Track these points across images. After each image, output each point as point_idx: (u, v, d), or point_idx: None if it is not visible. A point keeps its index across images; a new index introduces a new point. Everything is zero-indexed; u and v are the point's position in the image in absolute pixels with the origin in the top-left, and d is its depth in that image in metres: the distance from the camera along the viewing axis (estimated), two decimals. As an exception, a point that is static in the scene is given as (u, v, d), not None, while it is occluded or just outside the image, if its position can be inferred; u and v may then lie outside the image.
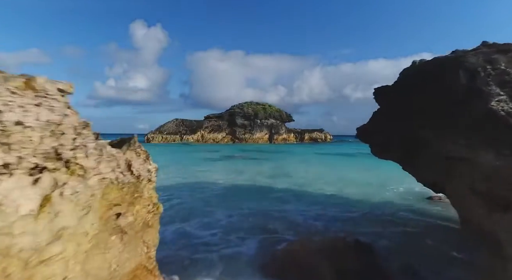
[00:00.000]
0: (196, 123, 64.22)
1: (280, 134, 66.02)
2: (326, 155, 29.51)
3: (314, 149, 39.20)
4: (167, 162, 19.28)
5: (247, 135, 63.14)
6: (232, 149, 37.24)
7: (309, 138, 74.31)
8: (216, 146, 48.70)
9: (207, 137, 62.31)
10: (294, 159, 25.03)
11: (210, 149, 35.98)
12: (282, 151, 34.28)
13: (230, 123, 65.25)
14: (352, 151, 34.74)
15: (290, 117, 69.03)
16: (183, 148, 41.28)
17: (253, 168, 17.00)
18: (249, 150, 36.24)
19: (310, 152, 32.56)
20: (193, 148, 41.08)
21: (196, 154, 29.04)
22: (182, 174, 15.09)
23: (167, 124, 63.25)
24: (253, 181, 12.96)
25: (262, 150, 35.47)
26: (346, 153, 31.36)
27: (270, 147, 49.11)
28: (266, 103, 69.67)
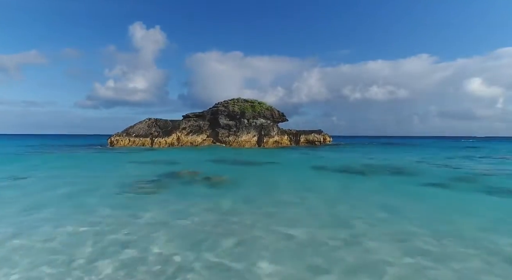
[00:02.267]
0: (171, 124, 54.27)
1: (271, 137, 56.30)
2: (334, 173, 19.80)
3: (312, 158, 29.52)
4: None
5: (232, 137, 53.37)
6: (203, 157, 27.56)
7: (306, 140, 64.69)
8: (187, 152, 38.83)
9: (184, 140, 52.42)
10: (281, 181, 15.35)
11: (170, 158, 26.23)
12: (267, 162, 24.54)
13: (213, 124, 55.44)
14: (364, 162, 25.11)
15: (284, 116, 59.36)
16: (133, 155, 31.41)
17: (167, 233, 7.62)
18: (225, 159, 26.47)
19: (307, 165, 22.82)
20: (146, 155, 31.19)
21: (123, 170, 19.20)
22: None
23: (137, 125, 53.27)
24: None
25: (241, 160, 25.70)
26: (359, 169, 21.67)
27: (256, 153, 39.39)
28: (256, 100, 59.94)
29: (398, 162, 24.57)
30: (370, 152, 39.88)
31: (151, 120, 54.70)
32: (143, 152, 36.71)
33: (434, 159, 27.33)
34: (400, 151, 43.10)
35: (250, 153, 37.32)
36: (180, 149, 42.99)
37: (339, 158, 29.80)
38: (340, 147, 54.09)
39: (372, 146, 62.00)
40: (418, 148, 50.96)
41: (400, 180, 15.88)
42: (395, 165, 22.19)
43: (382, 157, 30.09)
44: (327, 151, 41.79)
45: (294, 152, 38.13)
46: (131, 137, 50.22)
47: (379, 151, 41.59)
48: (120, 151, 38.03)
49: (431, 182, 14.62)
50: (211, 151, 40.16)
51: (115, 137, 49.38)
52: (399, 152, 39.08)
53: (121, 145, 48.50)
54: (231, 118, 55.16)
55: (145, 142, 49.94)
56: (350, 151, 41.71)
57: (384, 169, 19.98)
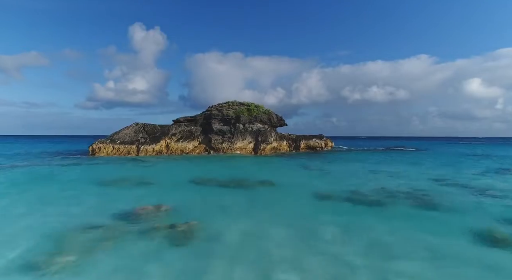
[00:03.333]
0: (160, 129, 50.00)
1: (268, 143, 52.06)
2: (342, 206, 15.58)
3: (315, 175, 25.28)
4: None
5: (226, 144, 49.10)
6: (184, 174, 23.33)
7: (306, 146, 60.55)
8: (171, 164, 34.59)
9: (173, 147, 48.16)
10: (274, 230, 11.12)
11: (145, 176, 21.97)
12: (260, 183, 20.30)
13: (205, 129, 51.18)
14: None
15: (282, 120, 55.14)
16: (105, 170, 27.08)
17: None
18: (210, 178, 22.22)
19: (308, 189, 18.62)
20: (120, 170, 26.93)
21: (63, 204, 14.79)
22: None
23: (123, 130, 48.99)
24: None
25: (228, 180, 21.44)
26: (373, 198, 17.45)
27: (251, 164, 35.19)
28: (252, 103, 55.70)
29: (418, 183, 20.34)
30: (377, 162, 35.66)
31: (139, 125, 50.45)
32: (121, 164, 32.44)
33: (460, 177, 23.11)
34: (409, 160, 38.88)
35: (243, 165, 33.11)
36: (166, 159, 38.73)
37: (345, 174, 25.57)
38: (343, 154, 49.86)
39: (376, 152, 57.77)
40: (428, 156, 46.75)
41: (438, 223, 11.66)
42: (416, 189, 17.97)
43: (394, 172, 25.90)
44: (330, 161, 37.54)
45: (293, 164, 33.88)
46: (116, 144, 45.95)
47: (387, 161, 37.35)
48: (96, 162, 33.76)
49: (486, 227, 10.41)
50: (199, 162, 35.92)
51: (97, 144, 45.10)
52: (410, 163, 34.85)
53: (104, 153, 44.24)
54: (225, 123, 50.94)
55: (130, 150, 45.67)
56: (354, 161, 37.49)
57: (406, 198, 15.76)
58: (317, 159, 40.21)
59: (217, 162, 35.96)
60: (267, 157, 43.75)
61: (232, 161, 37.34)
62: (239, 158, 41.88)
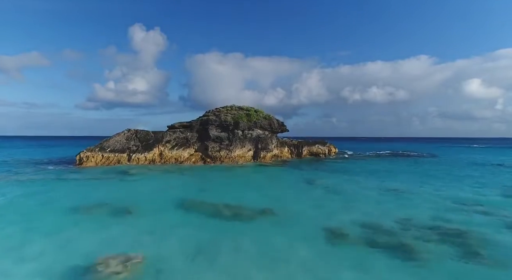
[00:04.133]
0: (153, 136, 46.86)
1: (269, 150, 48.86)
2: (360, 252, 12.45)
3: (320, 195, 22.10)
4: None
5: (223, 152, 45.92)
6: (169, 193, 20.22)
7: (309, 152, 57.42)
8: (158, 178, 31.46)
9: (167, 155, 45.01)
10: None
11: (124, 196, 18.86)
12: (257, 212, 17.17)
13: (202, 135, 48.03)
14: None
15: (284, 126, 51.96)
16: (81, 186, 23.95)
17: None
18: (197, 200, 19.11)
19: (316, 223, 15.54)
20: (99, 187, 23.81)
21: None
22: None
23: (114, 138, 45.88)
24: None
25: (218, 206, 18.29)
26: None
27: (251, 176, 32.09)
28: (252, 108, 52.55)
29: (448, 215, 17.15)
30: (388, 174, 32.44)
31: (131, 131, 47.35)
32: (106, 179, 29.29)
33: (496, 202, 19.92)
34: (422, 172, 35.66)
35: (241, 181, 29.97)
36: (157, 171, 35.58)
37: (357, 195, 22.40)
38: (348, 162, 46.65)
39: (382, 159, 54.52)
40: (440, 165, 43.49)
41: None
42: (451, 226, 14.80)
43: (413, 192, 22.74)
44: (336, 173, 34.34)
45: (296, 179, 30.69)
46: (105, 153, 42.86)
47: (398, 172, 34.07)
48: (77, 176, 30.60)
49: None
50: (193, 175, 32.78)
51: (86, 152, 41.99)
52: (426, 176, 31.61)
53: (92, 162, 41.15)
54: (223, 129, 47.79)
55: (121, 159, 42.57)
56: (363, 173, 34.30)
57: (446, 242, 12.60)
58: (321, 170, 37.02)
59: (212, 175, 32.82)
60: (267, 168, 40.58)
61: (230, 173, 34.18)
62: (237, 169, 38.72)
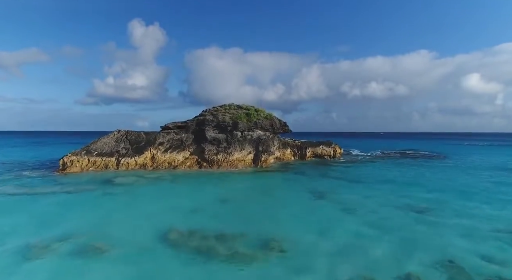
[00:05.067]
0: (145, 138, 43.19)
1: (270, 153, 45.18)
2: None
3: (332, 203, 18.52)
4: None
5: (221, 155, 42.29)
6: (162, 214, 16.70)
7: (313, 154, 53.79)
8: (152, 186, 27.88)
9: (160, 159, 41.40)
10: None
11: (88, 226, 15.32)
12: (257, 240, 13.64)
13: (198, 137, 44.36)
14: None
15: (286, 126, 48.21)
16: (38, 201, 20.38)
17: None
18: (194, 223, 15.57)
19: (333, 251, 11.95)
20: (63, 202, 20.29)
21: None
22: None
23: (102, 139, 42.22)
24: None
25: (218, 227, 14.73)
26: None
27: (249, 182, 28.58)
28: (252, 107, 48.76)
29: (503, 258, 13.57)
30: (409, 186, 28.79)
31: (121, 132, 43.68)
32: (86, 192, 25.72)
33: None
34: (442, 177, 32.05)
35: (238, 196, 26.41)
36: (147, 179, 31.98)
37: (376, 215, 18.82)
38: (357, 167, 43.00)
39: (392, 161, 50.82)
40: (457, 169, 39.83)
41: None
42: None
43: (444, 215, 19.19)
44: (346, 180, 30.72)
45: (302, 190, 27.10)
46: (92, 157, 39.28)
47: (413, 179, 30.44)
48: (54, 189, 27.04)
49: None
50: (184, 186, 29.21)
51: (70, 156, 38.40)
52: (462, 194, 27.98)
53: (77, 167, 37.60)
54: (220, 130, 44.11)
55: (109, 163, 38.99)
56: (379, 183, 30.70)
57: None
58: (330, 178, 33.41)
59: (207, 188, 29.23)
60: (269, 175, 37.00)
61: (227, 185, 30.55)
62: (235, 177, 35.15)
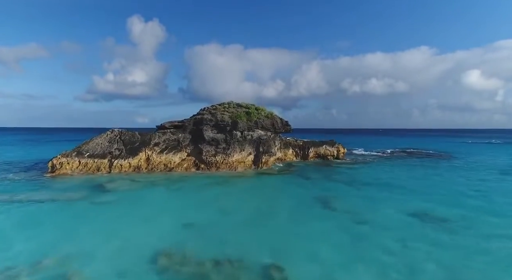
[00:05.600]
0: (140, 138, 41.01)
1: (272, 154, 42.99)
2: None
3: (342, 214, 16.41)
4: None
5: (220, 156, 40.13)
6: (152, 229, 14.63)
7: (315, 154, 51.59)
8: (145, 192, 25.77)
9: (155, 161, 39.25)
10: None
11: (75, 245, 13.28)
12: (258, 265, 11.50)
13: (195, 137, 42.19)
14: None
15: (288, 126, 45.96)
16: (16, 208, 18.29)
17: None
18: (187, 242, 13.47)
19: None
20: (28, 224, 18.20)
21: None
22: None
23: (95, 140, 40.06)
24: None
25: (214, 249, 12.64)
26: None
27: (249, 187, 26.48)
28: (252, 105, 46.50)
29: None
30: (421, 194, 26.67)
31: (115, 132, 41.50)
32: (70, 202, 23.64)
33: None
34: (458, 181, 29.89)
35: (236, 205, 24.31)
36: (140, 183, 29.87)
37: (394, 234, 16.68)
38: (364, 168, 40.85)
39: (401, 161, 48.59)
40: (470, 172, 37.62)
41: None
42: None
43: (473, 237, 17.04)
44: (353, 184, 28.60)
45: (306, 197, 24.99)
46: (83, 158, 37.16)
47: (430, 184, 28.31)
48: (37, 196, 24.97)
49: None
50: (179, 191, 27.11)
51: (60, 158, 36.28)
52: (491, 205, 25.81)
53: (67, 169, 35.51)
54: (219, 130, 41.92)
55: (101, 166, 36.86)
56: (389, 187, 28.57)
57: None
58: (335, 181, 31.27)
59: (204, 193, 27.13)
60: (270, 179, 34.89)
61: (224, 190, 28.42)
62: (234, 182, 33.04)
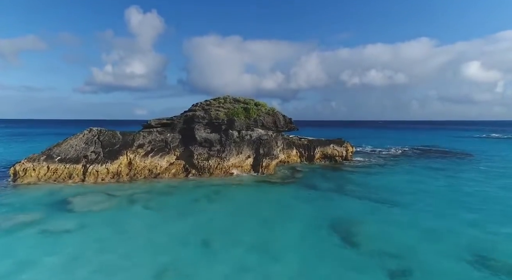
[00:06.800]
0: (121, 138, 35.51)
1: (273, 157, 37.51)
2: None
3: (366, 251, 11.21)
4: None
5: (214, 160, 34.74)
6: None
7: (322, 155, 46.22)
8: (120, 212, 20.44)
9: (139, 166, 33.80)
10: None
11: None
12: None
13: (186, 137, 36.74)
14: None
15: (292, 124, 40.46)
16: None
17: None
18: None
19: None
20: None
21: None
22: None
23: (69, 141, 34.54)
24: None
25: None
26: None
27: (246, 202, 21.20)
28: (251, 100, 40.93)
29: None
30: (460, 208, 21.55)
31: (93, 131, 35.99)
32: (11, 231, 18.29)
33: None
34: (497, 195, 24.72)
35: (230, 230, 19.03)
36: (117, 197, 24.47)
37: None
38: (381, 174, 35.61)
39: (421, 163, 43.33)
40: (504, 175, 32.41)
41: None
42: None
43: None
44: (370, 198, 23.37)
45: (316, 218, 19.73)
46: (53, 163, 31.71)
47: (473, 197, 23.13)
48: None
49: None
50: (159, 210, 21.76)
51: (25, 163, 30.81)
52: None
53: (33, 177, 30.13)
54: (213, 129, 36.48)
55: (73, 172, 31.41)
56: (418, 204, 23.40)
57: None
58: (351, 195, 26.01)
59: (191, 208, 21.85)
60: (271, 189, 29.63)
61: (216, 204, 23.15)
62: (229, 195, 27.76)
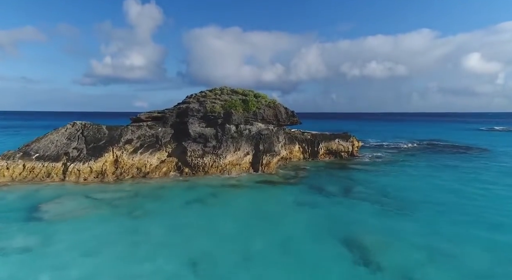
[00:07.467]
0: (108, 133, 32.23)
1: (275, 154, 34.30)
2: None
3: None
4: None
5: (209, 157, 31.58)
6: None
7: (326, 150, 43.08)
8: (89, 227, 17.37)
9: (126, 164, 30.63)
10: None
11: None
12: None
13: (178, 132, 33.49)
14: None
15: (295, 117, 37.11)
16: None
17: None
18: None
19: None
20: None
21: None
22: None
23: (49, 136, 31.26)
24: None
25: None
26: None
27: (244, 207, 18.17)
28: (251, 91, 37.51)
29: None
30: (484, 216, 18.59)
31: (76, 125, 32.70)
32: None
33: None
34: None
35: (218, 257, 16.01)
36: (94, 203, 21.35)
37: None
38: (392, 172, 32.55)
39: (434, 161, 40.26)
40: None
41: None
42: None
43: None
44: (384, 202, 20.34)
45: (326, 234, 16.70)
46: (30, 161, 28.54)
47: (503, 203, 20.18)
48: None
49: None
50: (146, 220, 18.68)
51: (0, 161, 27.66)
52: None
53: (7, 176, 27.02)
54: (208, 123, 33.22)
55: (52, 171, 28.28)
56: (442, 211, 20.39)
57: None
58: (361, 199, 22.98)
59: (179, 224, 18.83)
60: (272, 191, 26.57)
61: (211, 210, 20.13)
62: (224, 198, 24.71)
